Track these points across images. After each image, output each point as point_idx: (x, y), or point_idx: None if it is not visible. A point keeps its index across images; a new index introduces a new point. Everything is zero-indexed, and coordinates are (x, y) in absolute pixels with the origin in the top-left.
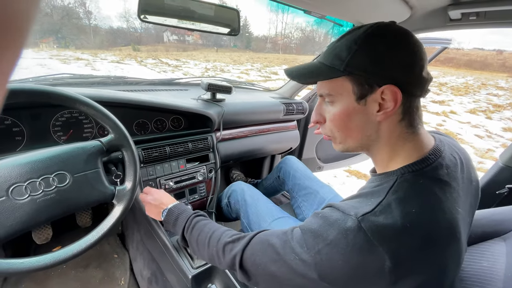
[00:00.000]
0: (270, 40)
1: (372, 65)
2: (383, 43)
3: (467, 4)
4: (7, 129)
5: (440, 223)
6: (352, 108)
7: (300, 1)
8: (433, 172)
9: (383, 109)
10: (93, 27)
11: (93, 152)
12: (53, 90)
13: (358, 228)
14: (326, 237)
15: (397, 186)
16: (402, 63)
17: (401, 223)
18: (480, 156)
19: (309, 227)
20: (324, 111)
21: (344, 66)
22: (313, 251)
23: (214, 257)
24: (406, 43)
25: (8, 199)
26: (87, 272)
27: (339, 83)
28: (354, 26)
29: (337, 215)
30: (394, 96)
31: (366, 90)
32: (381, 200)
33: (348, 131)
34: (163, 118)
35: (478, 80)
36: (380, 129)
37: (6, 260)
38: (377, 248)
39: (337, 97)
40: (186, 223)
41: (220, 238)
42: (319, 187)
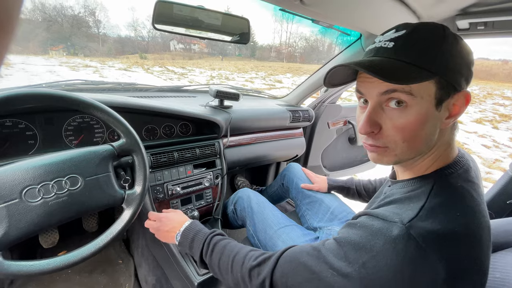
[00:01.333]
0: (274, 49)
1: (454, 68)
2: (460, 45)
3: (475, 14)
4: (20, 132)
5: (482, 225)
6: (430, 114)
7: (309, 11)
8: (466, 174)
9: (453, 116)
10: (101, 35)
11: (105, 156)
12: (69, 95)
13: (407, 236)
14: (371, 248)
15: (437, 189)
16: (470, 66)
17: (450, 228)
18: (487, 166)
19: (348, 238)
20: (383, 118)
21: (436, 67)
22: (356, 264)
23: (240, 284)
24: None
25: (21, 201)
26: (92, 278)
27: (424, 84)
28: (419, 22)
29: (380, 224)
30: (467, 101)
31: (445, 95)
32: (422, 205)
33: (416, 141)
34: (172, 124)
35: (483, 90)
36: (439, 137)
37: (16, 263)
38: (430, 256)
39: (416, 101)
40: (204, 246)
41: (244, 262)
42: (324, 196)
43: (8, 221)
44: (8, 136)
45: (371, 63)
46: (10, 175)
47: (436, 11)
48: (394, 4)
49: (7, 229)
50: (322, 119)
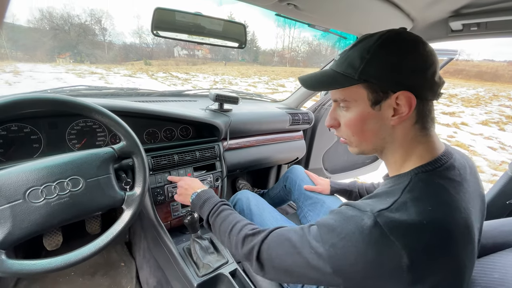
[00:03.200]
0: (277, 54)
1: (386, 73)
2: (395, 51)
3: (468, 15)
4: (26, 136)
5: (457, 221)
6: (367, 114)
7: (304, 15)
8: (446, 172)
9: (397, 114)
10: (107, 43)
11: (105, 158)
12: (72, 100)
13: (374, 223)
14: (341, 231)
15: (412, 185)
16: (414, 69)
17: (418, 220)
18: (493, 169)
19: (325, 222)
20: (338, 115)
21: (358, 75)
22: (327, 244)
23: (233, 246)
24: (417, 49)
25: (24, 202)
26: (94, 280)
27: (354, 90)
28: (366, 34)
29: (353, 212)
30: (408, 101)
31: (381, 97)
32: (396, 199)
33: (363, 135)
34: (172, 127)
35: (489, 92)
36: (394, 132)
37: (19, 261)
38: (394, 243)
39: (352, 103)
40: (213, 209)
41: (241, 229)
42: (326, 197)
43: (12, 221)
44: (14, 139)
45: (309, 76)
46: (15, 176)
47: (429, 13)
48: (387, 7)
49: (10, 228)
50: (322, 121)
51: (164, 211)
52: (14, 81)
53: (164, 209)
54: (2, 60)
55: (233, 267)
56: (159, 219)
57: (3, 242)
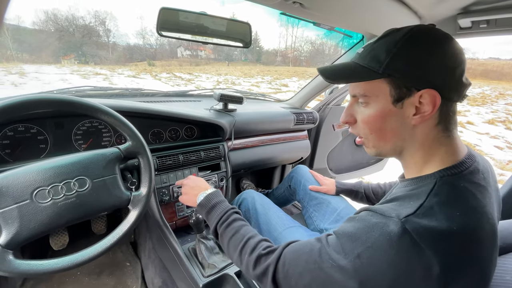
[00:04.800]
0: (280, 54)
1: (412, 68)
2: (424, 46)
3: (477, 12)
4: (32, 137)
5: (485, 227)
6: (388, 111)
7: (309, 14)
8: (472, 176)
9: (420, 113)
10: (111, 44)
11: (111, 158)
12: (79, 100)
13: (403, 231)
14: (366, 239)
15: (438, 189)
16: (442, 67)
17: (447, 226)
18: (501, 168)
19: (345, 230)
20: (356, 112)
21: (383, 69)
22: (351, 256)
23: (243, 265)
24: (447, 47)
25: (32, 202)
26: (100, 280)
27: (376, 84)
28: (393, 28)
29: (377, 218)
30: (433, 100)
31: (404, 93)
32: (422, 203)
33: (382, 134)
34: (177, 127)
35: (495, 90)
36: (415, 132)
37: (26, 262)
38: (424, 251)
39: (373, 99)
40: (222, 217)
41: (255, 248)
42: (331, 197)
43: (20, 221)
44: (21, 140)
45: (330, 67)
46: (22, 177)
47: (437, 10)
48: (394, 5)
49: (18, 229)
50: (327, 121)
51: (170, 211)
52: (20, 83)
53: (170, 209)
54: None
55: (238, 268)
56: (164, 219)
57: (11, 242)
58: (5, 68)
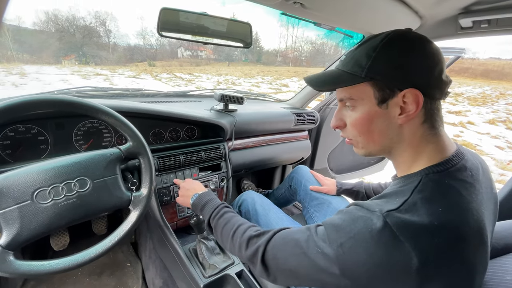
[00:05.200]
0: (280, 54)
1: (392, 70)
2: (401, 49)
3: (478, 12)
4: (33, 137)
5: (469, 223)
6: (374, 112)
7: (310, 14)
8: (458, 173)
9: (405, 112)
10: (112, 44)
11: (112, 159)
12: (79, 101)
13: (383, 224)
14: (350, 231)
15: (422, 185)
16: (421, 66)
17: (428, 221)
18: (501, 168)
19: (332, 222)
20: (344, 116)
21: (365, 73)
22: (335, 244)
23: (236, 249)
24: (423, 48)
25: (32, 202)
26: (101, 280)
27: (360, 88)
28: (371, 35)
29: (362, 212)
30: (415, 99)
31: (388, 94)
32: (406, 199)
33: (370, 135)
34: (178, 128)
35: (496, 90)
36: (402, 131)
37: (27, 262)
38: (403, 244)
39: (359, 102)
40: (214, 211)
41: (245, 231)
42: (332, 197)
43: (20, 221)
44: (22, 141)
45: (315, 76)
46: (23, 177)
47: (438, 10)
48: (395, 5)
49: (19, 229)
50: (327, 121)
51: (170, 211)
52: (20, 83)
53: (170, 210)
54: (8, 62)
55: (239, 268)
56: (165, 219)
57: (11, 243)
58: (6, 69)
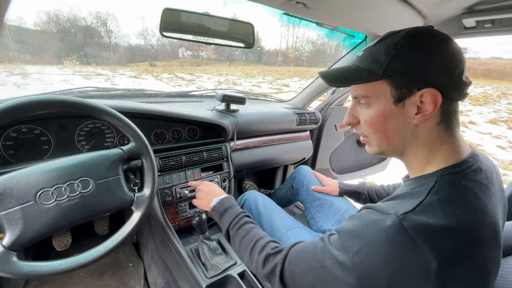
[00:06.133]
0: (281, 54)
1: (411, 69)
2: (422, 47)
3: (482, 11)
4: (36, 138)
5: (486, 225)
6: (390, 111)
7: (312, 14)
8: (474, 175)
9: (421, 112)
10: (113, 44)
11: (115, 159)
12: (82, 101)
13: (399, 227)
14: (364, 236)
15: (438, 187)
16: (441, 66)
17: (445, 223)
18: (503, 168)
19: (345, 228)
20: (358, 113)
21: (383, 70)
22: (350, 252)
23: (253, 265)
24: (445, 47)
25: (35, 203)
26: (103, 280)
27: (377, 86)
28: (391, 31)
29: (376, 215)
30: (434, 99)
31: (405, 93)
32: (421, 200)
33: (385, 134)
34: (180, 128)
35: (497, 90)
36: (417, 131)
37: (30, 263)
38: (421, 247)
39: (374, 100)
40: (234, 219)
41: (264, 248)
42: (334, 198)
43: (23, 222)
44: (24, 141)
45: (331, 71)
46: (26, 178)
47: (442, 10)
48: (398, 4)
49: (22, 230)
50: (329, 121)
51: (172, 212)
52: (22, 83)
53: (172, 210)
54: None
55: (241, 269)
56: (167, 220)
57: (14, 243)
58: (8, 69)
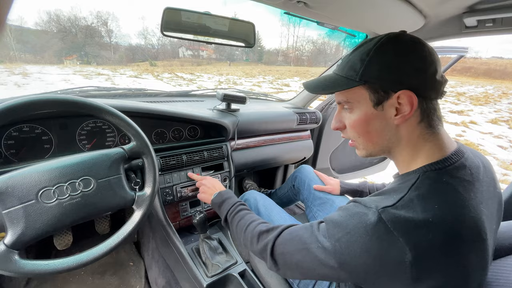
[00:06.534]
0: (281, 53)
1: (385, 73)
2: (393, 52)
3: (483, 11)
4: (37, 137)
5: (465, 220)
6: (370, 114)
7: (313, 13)
8: (456, 171)
9: (400, 113)
10: (113, 44)
11: (116, 158)
12: (84, 101)
13: (378, 219)
14: (346, 226)
15: (419, 183)
16: (413, 68)
17: (423, 217)
18: (504, 168)
19: (332, 218)
20: (343, 117)
21: (359, 76)
22: (333, 239)
23: (248, 242)
24: (416, 50)
25: (37, 202)
26: (104, 279)
27: (356, 91)
28: (366, 38)
29: (359, 208)
30: (409, 100)
31: (382, 97)
32: (402, 196)
33: (369, 136)
34: (180, 127)
35: (498, 89)
36: (399, 131)
37: (32, 262)
38: (398, 239)
39: (355, 104)
40: (231, 208)
41: (257, 226)
42: (335, 197)
43: (25, 221)
44: (26, 140)
45: (313, 81)
46: (27, 177)
47: (443, 9)
48: (399, 4)
49: (24, 229)
50: (329, 121)
51: (173, 211)
52: (23, 83)
53: (173, 209)
54: (11, 62)
55: (242, 268)
56: (168, 219)
57: (16, 242)
58: (8, 69)
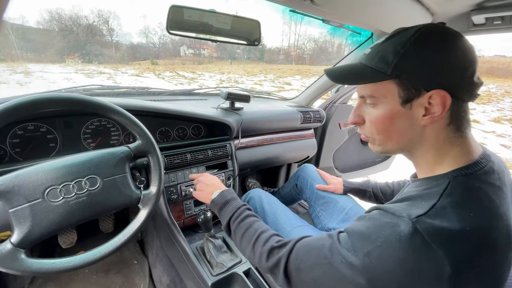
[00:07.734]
0: (283, 52)
1: (420, 69)
2: (433, 46)
3: (491, 8)
4: (42, 136)
5: (499, 228)
6: (396, 112)
7: (319, 11)
8: (486, 176)
9: (429, 114)
10: (115, 43)
11: (122, 157)
12: (89, 99)
13: (413, 230)
14: (376, 238)
15: (451, 189)
16: (452, 67)
17: (459, 227)
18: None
19: (356, 229)
20: (364, 112)
21: (391, 70)
22: (361, 253)
23: (256, 258)
24: (457, 46)
25: (44, 201)
26: (108, 278)
27: (384, 86)
28: (400, 28)
29: (388, 217)
30: (442, 101)
31: (413, 94)
32: (434, 203)
33: (389, 134)
34: (185, 126)
35: (501, 88)
36: (424, 133)
37: (38, 260)
38: (436, 251)
39: (381, 100)
40: (235, 213)
41: (267, 241)
42: (338, 196)
43: (32, 220)
44: (31, 139)
45: (337, 69)
46: (34, 175)
47: (450, 7)
48: (406, 2)
49: (30, 227)
50: (333, 120)
51: (177, 209)
52: (25, 82)
53: (178, 208)
54: (13, 61)
55: (247, 266)
56: (172, 218)
57: (23, 241)
58: (11, 68)
